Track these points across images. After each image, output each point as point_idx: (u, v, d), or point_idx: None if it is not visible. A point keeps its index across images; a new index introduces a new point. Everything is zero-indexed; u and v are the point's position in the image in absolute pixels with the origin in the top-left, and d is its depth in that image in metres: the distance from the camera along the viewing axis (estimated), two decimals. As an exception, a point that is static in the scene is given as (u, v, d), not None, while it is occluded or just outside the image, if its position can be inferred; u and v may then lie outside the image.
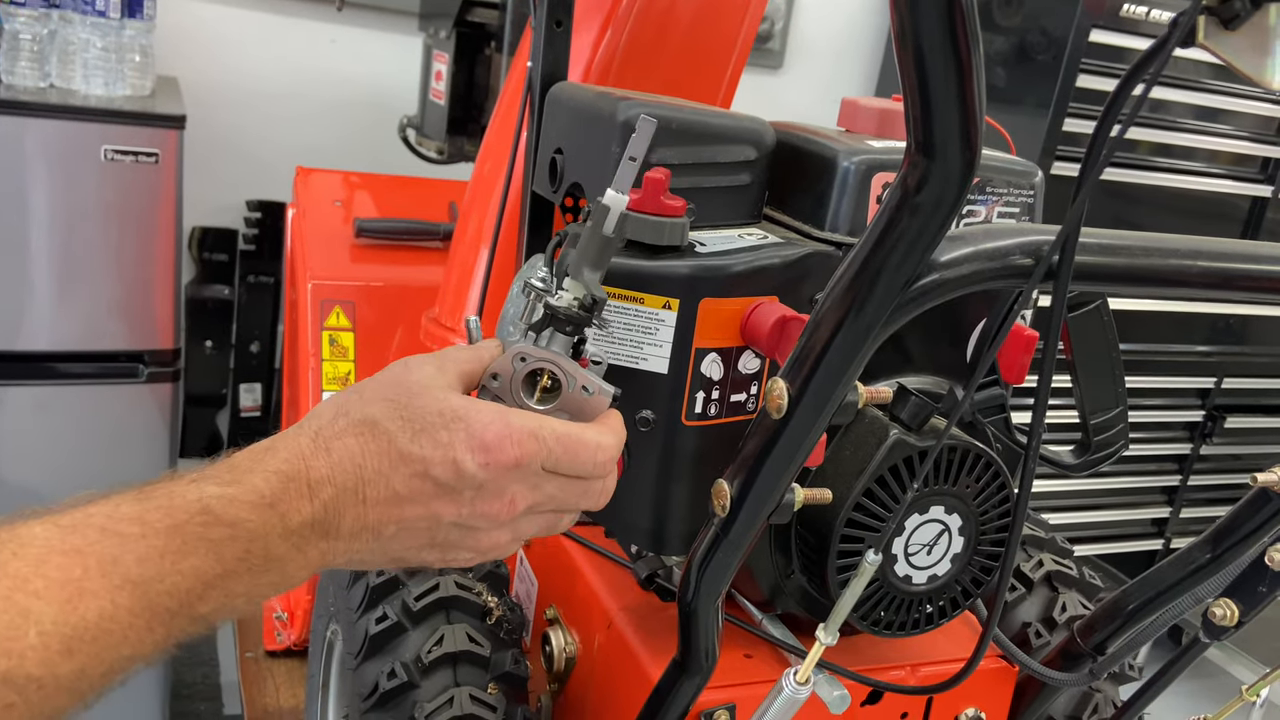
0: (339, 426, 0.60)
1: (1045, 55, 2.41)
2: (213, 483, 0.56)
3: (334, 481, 0.58)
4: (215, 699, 2.37)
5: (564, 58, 1.05)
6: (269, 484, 0.57)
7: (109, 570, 0.49)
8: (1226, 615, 0.75)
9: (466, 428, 0.60)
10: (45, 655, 0.46)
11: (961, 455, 0.80)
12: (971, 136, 0.49)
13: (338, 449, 0.59)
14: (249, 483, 0.56)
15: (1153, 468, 2.91)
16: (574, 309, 0.68)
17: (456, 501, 0.61)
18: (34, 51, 1.88)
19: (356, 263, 1.91)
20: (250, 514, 0.55)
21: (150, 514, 0.52)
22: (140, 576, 0.50)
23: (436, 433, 0.60)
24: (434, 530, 0.62)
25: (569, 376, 0.67)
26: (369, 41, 2.57)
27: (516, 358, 0.66)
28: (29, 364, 1.92)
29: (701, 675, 0.79)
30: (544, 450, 0.62)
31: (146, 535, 0.51)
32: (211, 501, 0.54)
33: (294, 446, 0.59)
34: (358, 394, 0.62)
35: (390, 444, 0.60)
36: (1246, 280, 0.64)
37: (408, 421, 0.60)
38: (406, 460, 0.60)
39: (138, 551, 0.51)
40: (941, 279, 0.58)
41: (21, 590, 0.47)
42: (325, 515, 0.58)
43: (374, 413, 0.60)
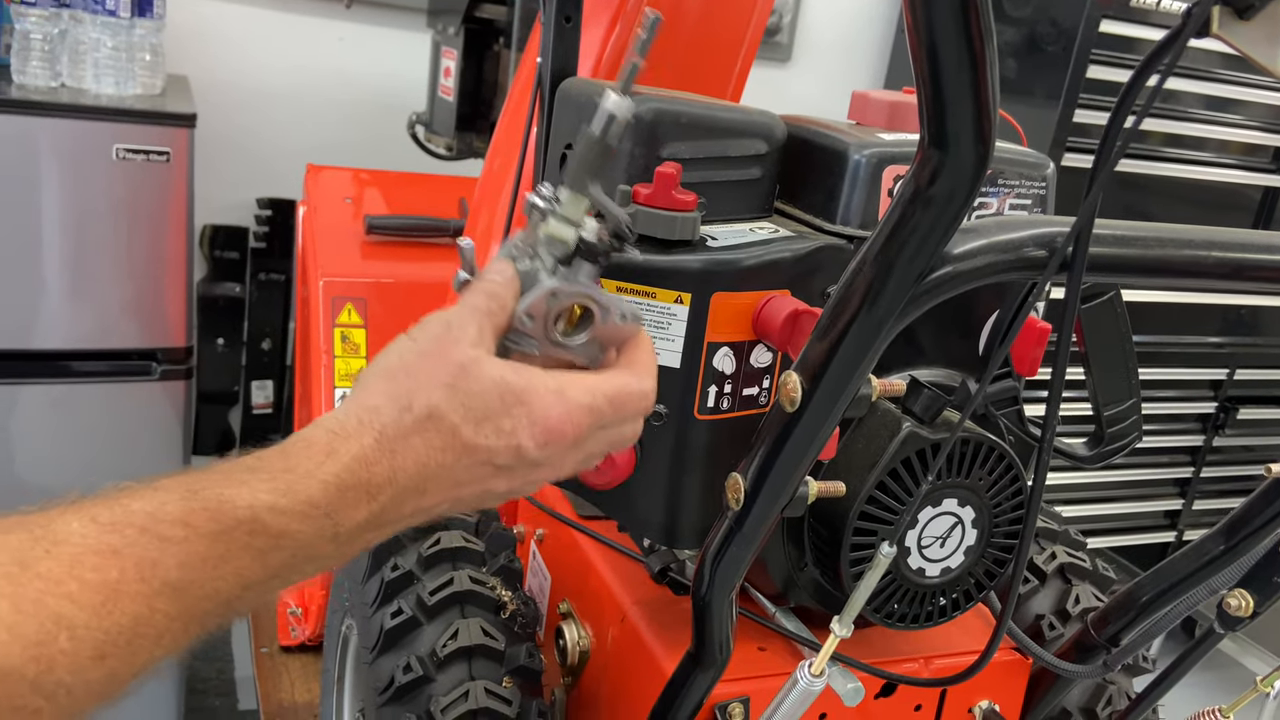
0: (405, 425, 0.58)
1: (1055, 46, 2.40)
2: (265, 488, 0.53)
3: (395, 483, 0.57)
4: (230, 694, 2.38)
5: (573, 53, 1.05)
6: (325, 494, 0.55)
7: (148, 575, 0.48)
8: (1241, 606, 0.75)
9: (529, 413, 0.60)
10: (76, 661, 0.45)
11: (974, 448, 0.80)
12: (985, 129, 0.49)
13: (402, 450, 0.57)
14: (303, 493, 0.54)
15: (1165, 460, 2.90)
16: (609, 241, 0.66)
17: (510, 477, 0.62)
18: (45, 51, 1.88)
19: (368, 259, 1.92)
20: (301, 524, 0.53)
21: (195, 516, 0.50)
22: (180, 581, 0.49)
23: (499, 420, 0.59)
24: (483, 499, 0.63)
25: (603, 308, 0.65)
26: (377, 39, 2.57)
27: (549, 295, 0.64)
28: (42, 363, 1.93)
29: (715, 668, 0.79)
30: (597, 417, 0.62)
31: (190, 539, 0.49)
32: (262, 512, 0.52)
33: (357, 450, 0.56)
34: (411, 376, 0.59)
35: (454, 436, 0.58)
36: (1260, 270, 0.64)
37: (470, 410, 0.59)
38: (471, 451, 0.59)
39: (179, 556, 0.49)
40: (955, 271, 0.58)
41: (54, 593, 0.45)
42: (382, 514, 0.57)
43: (436, 401, 0.58)
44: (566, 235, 0.65)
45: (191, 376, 2.07)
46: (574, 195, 0.65)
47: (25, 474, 1.93)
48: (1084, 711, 1.07)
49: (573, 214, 0.65)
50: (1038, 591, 1.09)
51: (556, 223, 0.65)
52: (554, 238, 0.65)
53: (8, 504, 0.54)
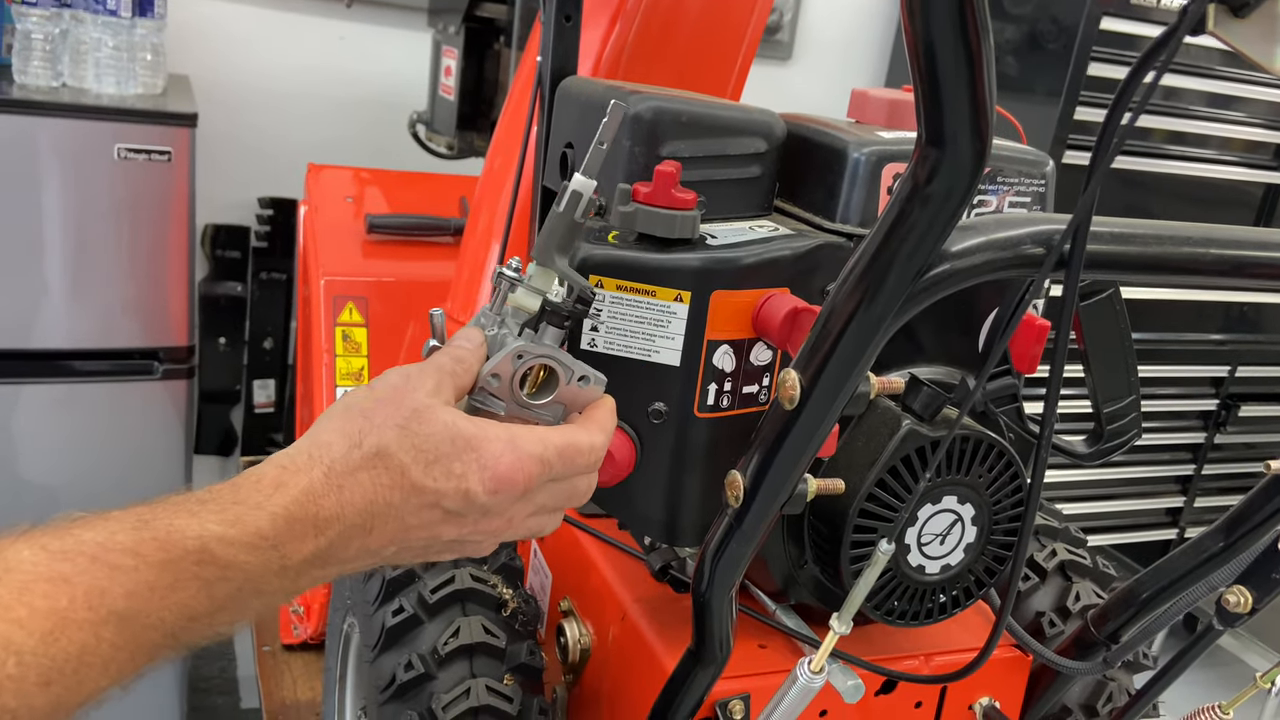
0: (353, 460, 0.59)
1: (1056, 43, 2.40)
2: (215, 519, 0.54)
3: (343, 519, 0.58)
4: (232, 692, 2.39)
5: (573, 52, 1.05)
6: (274, 526, 0.55)
7: (95, 603, 0.48)
8: (1240, 603, 0.75)
9: (479, 459, 0.61)
10: (21, 686, 0.45)
11: (974, 445, 0.80)
12: (982, 127, 0.50)
13: (350, 486, 0.58)
14: (252, 524, 0.55)
15: (1166, 457, 2.90)
16: (572, 304, 0.68)
17: (460, 524, 0.63)
18: (46, 51, 1.89)
19: (369, 258, 1.92)
20: (249, 556, 0.54)
21: (145, 545, 0.51)
22: (127, 610, 0.49)
23: (450, 463, 0.60)
24: (430, 547, 0.63)
25: (567, 369, 0.68)
26: (378, 38, 2.57)
27: (514, 356, 0.67)
28: (44, 362, 1.93)
29: (716, 665, 0.79)
30: (546, 469, 0.64)
31: (139, 568, 0.50)
32: (211, 542, 0.53)
33: (305, 484, 0.57)
34: (366, 418, 0.61)
35: (403, 476, 0.59)
36: (1259, 268, 0.64)
37: (420, 451, 0.60)
38: (419, 492, 0.60)
39: (127, 585, 0.49)
40: (953, 269, 0.58)
41: (2, 619, 0.45)
42: (329, 550, 0.58)
43: (386, 441, 0.60)
44: (532, 304, 0.68)
45: (193, 376, 2.08)
46: (541, 269, 0.68)
47: (27, 473, 1.94)
48: (1084, 708, 1.07)
49: (540, 285, 0.69)
50: (1038, 589, 1.09)
51: (524, 292, 0.68)
52: (520, 307, 0.69)
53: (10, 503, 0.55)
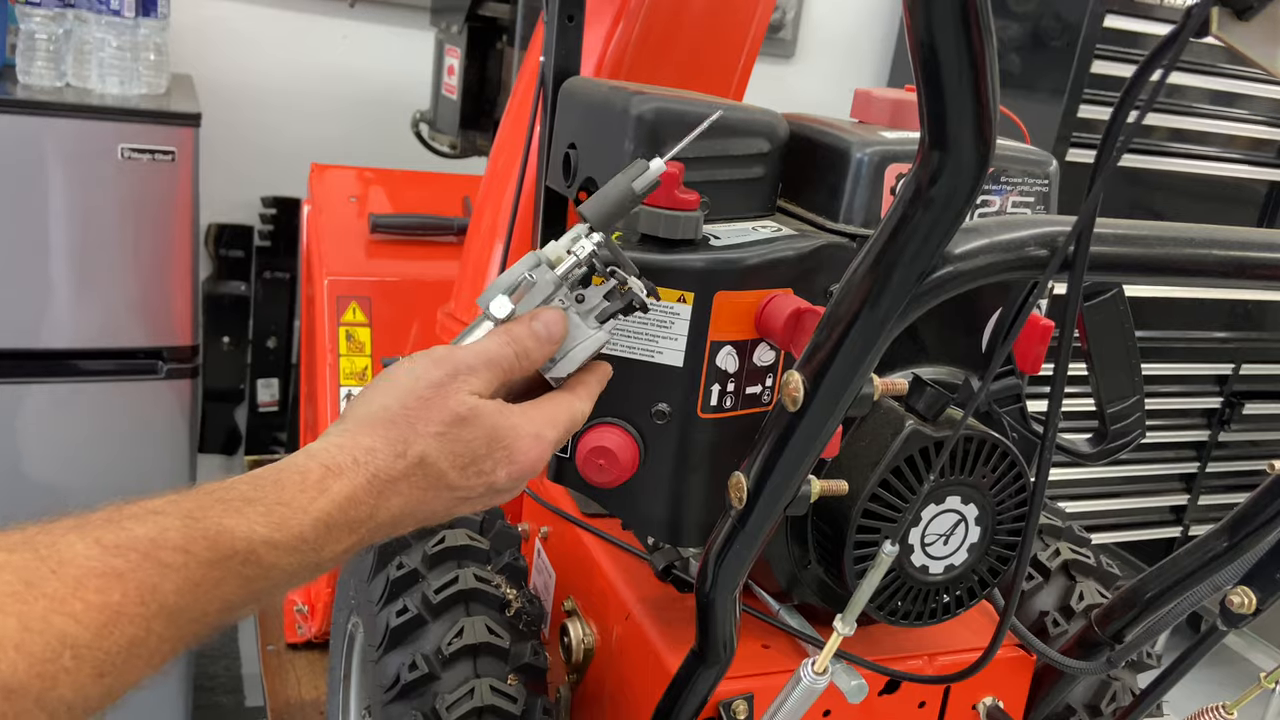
0: (396, 470, 0.61)
1: (1060, 41, 2.39)
2: (261, 521, 0.56)
3: (375, 519, 0.60)
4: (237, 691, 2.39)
5: (576, 52, 1.05)
6: (315, 531, 0.57)
7: (147, 598, 0.50)
8: (1244, 603, 0.75)
9: (509, 455, 0.65)
10: (78, 679, 0.46)
11: (978, 445, 0.80)
12: (985, 129, 0.49)
13: (390, 493, 0.61)
14: (295, 528, 0.57)
15: (1170, 455, 2.89)
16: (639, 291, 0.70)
17: (473, 504, 0.66)
18: (50, 51, 1.89)
19: (372, 258, 1.92)
20: (290, 558, 0.56)
21: (195, 544, 0.52)
22: (176, 606, 0.51)
23: (481, 463, 0.64)
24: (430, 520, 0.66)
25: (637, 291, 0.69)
26: (381, 37, 2.57)
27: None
28: (49, 362, 1.93)
29: (720, 666, 0.80)
30: (556, 449, 0.68)
31: (189, 565, 0.52)
32: (258, 545, 0.55)
33: (349, 490, 0.59)
34: (410, 425, 0.62)
35: (441, 479, 0.63)
36: (1263, 269, 0.64)
37: (458, 456, 0.63)
38: (451, 489, 0.63)
39: (177, 582, 0.51)
40: (956, 271, 0.58)
41: (59, 612, 0.46)
42: (360, 544, 0.60)
43: (428, 450, 0.62)
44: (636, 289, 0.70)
45: (197, 375, 2.08)
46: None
47: (32, 472, 1.94)
48: (1088, 708, 1.07)
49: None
50: (1041, 588, 1.09)
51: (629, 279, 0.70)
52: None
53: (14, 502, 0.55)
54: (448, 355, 0.65)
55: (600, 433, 0.80)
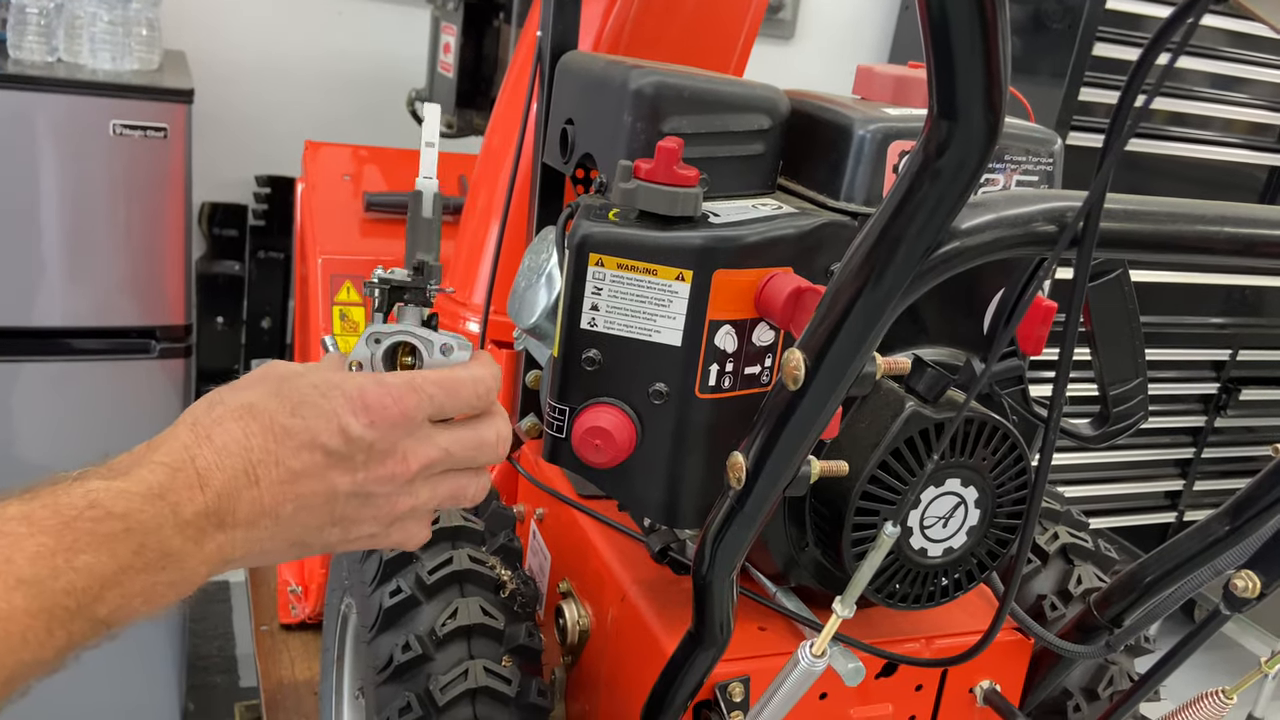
0: (216, 414, 0.59)
1: (1061, 24, 2.38)
2: (97, 478, 0.54)
3: (222, 467, 0.57)
4: (231, 671, 2.39)
5: (574, 27, 1.04)
6: (156, 475, 0.55)
7: (1, 571, 0.48)
8: (1248, 587, 0.74)
9: (344, 393, 0.61)
10: None
11: (978, 428, 0.79)
12: (995, 99, 0.48)
13: (219, 435, 0.58)
14: (136, 474, 0.55)
15: (1167, 440, 2.89)
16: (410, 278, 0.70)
17: (350, 469, 0.61)
18: (41, 26, 1.86)
19: (366, 237, 1.91)
20: (141, 505, 0.54)
21: (36, 512, 0.51)
22: (34, 576, 0.49)
23: (316, 403, 0.60)
24: (332, 504, 0.62)
25: (425, 342, 0.67)
26: (376, 14, 2.55)
27: (371, 339, 0.67)
28: (41, 340, 1.92)
29: (716, 648, 0.79)
30: (424, 398, 0.62)
31: (35, 534, 0.50)
32: (99, 495, 0.53)
33: (174, 441, 0.58)
34: (227, 387, 0.62)
35: (272, 421, 0.59)
36: (1272, 246, 0.63)
37: (285, 398, 0.60)
38: (291, 434, 0.59)
39: (28, 550, 0.49)
40: (962, 246, 0.57)
41: None
42: (219, 503, 0.57)
43: (249, 397, 0.60)
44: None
45: (191, 354, 2.07)
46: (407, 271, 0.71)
47: (24, 452, 1.93)
48: (1085, 692, 1.06)
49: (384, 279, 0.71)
50: (1039, 572, 1.09)
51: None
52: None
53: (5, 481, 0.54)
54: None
55: (596, 413, 0.79)
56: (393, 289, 0.70)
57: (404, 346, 0.68)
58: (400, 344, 0.67)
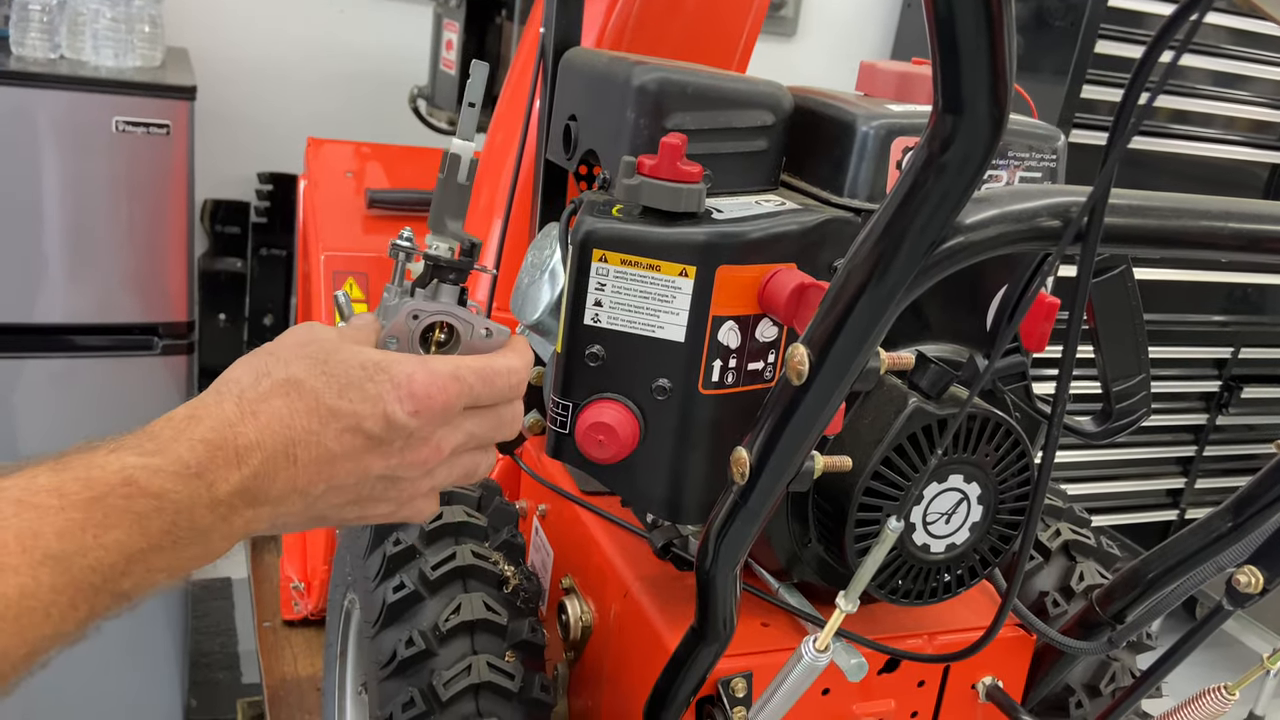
0: (263, 389, 0.58)
1: (1064, 21, 2.38)
2: (133, 452, 0.53)
3: (263, 446, 0.57)
4: (233, 668, 2.39)
5: (577, 23, 1.04)
6: (194, 453, 0.55)
7: (29, 545, 0.48)
8: (1251, 583, 0.74)
9: (391, 378, 0.60)
10: None
11: (981, 424, 0.79)
12: (1000, 93, 0.48)
13: (265, 412, 0.57)
14: (174, 452, 0.54)
15: (1168, 438, 2.90)
16: (457, 259, 0.69)
17: (386, 453, 0.61)
18: (44, 23, 1.87)
19: (369, 234, 1.91)
20: (176, 485, 0.53)
21: (68, 485, 0.50)
22: (61, 551, 0.48)
23: (363, 385, 0.60)
24: (361, 485, 0.62)
25: (466, 324, 0.67)
26: (379, 11, 2.55)
27: (410, 316, 0.66)
28: (44, 337, 1.92)
29: (719, 643, 0.79)
30: (465, 388, 0.63)
31: (65, 508, 0.49)
32: (135, 472, 0.52)
33: (219, 414, 0.57)
34: (272, 355, 0.61)
35: (318, 401, 0.59)
36: (1277, 242, 0.63)
37: (332, 377, 0.59)
38: (337, 416, 0.59)
39: (57, 525, 0.49)
40: (967, 241, 0.57)
41: None
42: (255, 482, 0.57)
43: (296, 371, 0.59)
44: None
45: (193, 351, 2.07)
46: (437, 236, 0.69)
47: (27, 448, 1.93)
48: (1087, 688, 1.07)
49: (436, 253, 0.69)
50: (1042, 568, 1.09)
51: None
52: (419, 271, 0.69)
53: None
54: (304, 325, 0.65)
55: (600, 408, 0.79)
56: (439, 266, 0.68)
57: (440, 325, 0.67)
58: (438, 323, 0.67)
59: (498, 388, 0.65)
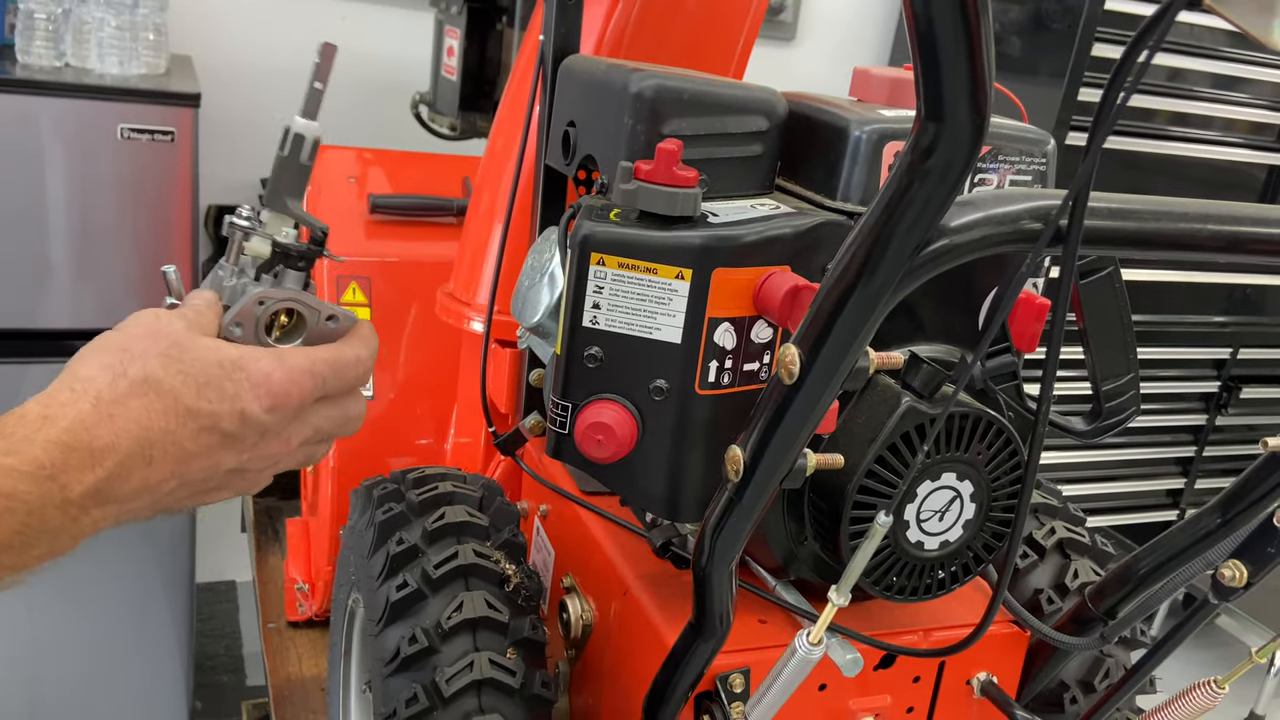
0: (120, 389, 0.58)
1: (1061, 24, 2.39)
2: None
3: (118, 449, 0.57)
4: (238, 670, 2.41)
5: (576, 30, 1.05)
6: (49, 454, 0.54)
7: None
8: (1235, 577, 0.75)
9: (249, 376, 0.61)
10: None
11: (973, 422, 0.81)
12: (980, 100, 0.50)
13: (121, 414, 0.57)
14: (28, 452, 0.54)
15: (1168, 439, 2.91)
16: (306, 245, 0.69)
17: (239, 449, 0.62)
18: (49, 31, 1.89)
19: (372, 239, 1.92)
20: (29, 486, 0.53)
21: None
22: None
23: (221, 384, 0.60)
24: (209, 479, 0.62)
25: (312, 310, 0.68)
26: (381, 18, 2.57)
27: (255, 302, 0.66)
28: (49, 342, 1.94)
29: (716, 639, 0.80)
30: (319, 382, 0.64)
31: None
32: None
33: (74, 414, 0.56)
34: (126, 351, 0.60)
35: (176, 401, 0.59)
36: (1256, 244, 0.64)
37: (190, 376, 0.59)
38: (195, 416, 0.59)
39: None
40: (951, 244, 0.58)
41: None
42: (108, 483, 0.56)
43: (153, 369, 0.59)
44: (266, 249, 0.68)
45: (197, 356, 2.08)
46: (274, 214, 0.69)
47: (34, 452, 1.95)
48: (1082, 684, 1.08)
49: (273, 230, 0.69)
50: (1037, 566, 1.10)
51: (259, 239, 0.68)
52: (256, 254, 0.68)
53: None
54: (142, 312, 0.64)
55: (598, 409, 0.81)
56: (287, 253, 0.68)
57: (286, 311, 0.67)
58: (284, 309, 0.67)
59: (348, 379, 0.66)
